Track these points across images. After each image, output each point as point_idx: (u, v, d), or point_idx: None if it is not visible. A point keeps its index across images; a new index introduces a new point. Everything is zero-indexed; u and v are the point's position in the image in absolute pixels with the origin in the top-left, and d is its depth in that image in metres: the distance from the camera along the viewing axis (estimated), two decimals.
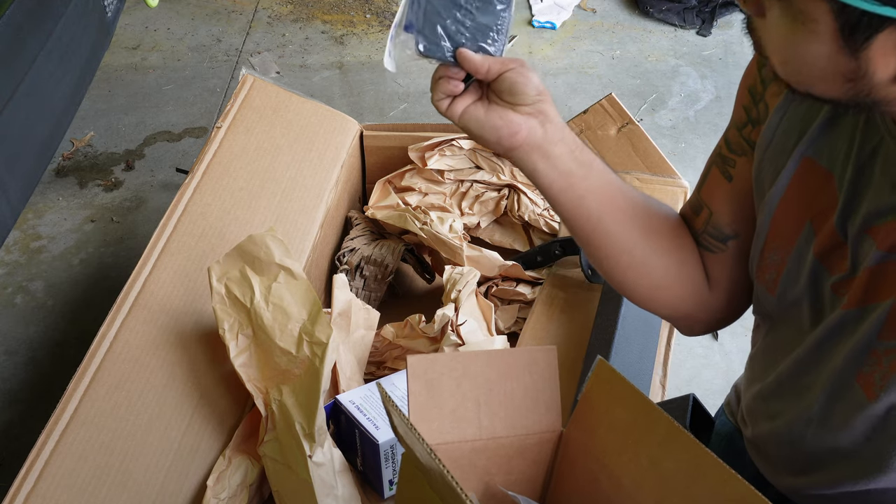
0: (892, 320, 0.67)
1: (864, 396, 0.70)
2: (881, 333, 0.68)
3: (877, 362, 0.69)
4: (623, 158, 1.64)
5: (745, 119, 0.83)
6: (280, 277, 1.13)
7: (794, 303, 0.77)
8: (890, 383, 0.68)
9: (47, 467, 1.01)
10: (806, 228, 0.75)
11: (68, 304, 2.21)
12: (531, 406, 0.83)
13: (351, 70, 3.08)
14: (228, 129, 1.49)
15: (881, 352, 0.68)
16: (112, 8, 2.22)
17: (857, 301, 0.70)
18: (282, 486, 1.08)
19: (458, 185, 1.63)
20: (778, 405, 0.82)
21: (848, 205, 0.71)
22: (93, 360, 1.12)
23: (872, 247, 0.69)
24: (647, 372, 1.26)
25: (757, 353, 0.88)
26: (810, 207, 0.75)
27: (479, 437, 0.81)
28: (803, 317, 0.77)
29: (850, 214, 0.71)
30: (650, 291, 0.91)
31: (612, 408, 0.78)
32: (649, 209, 0.89)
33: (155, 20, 3.32)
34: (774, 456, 0.85)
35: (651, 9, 3.35)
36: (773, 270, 0.79)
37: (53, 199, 2.53)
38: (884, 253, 0.68)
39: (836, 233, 0.72)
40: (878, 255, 0.68)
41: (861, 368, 0.70)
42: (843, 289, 0.72)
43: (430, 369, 0.79)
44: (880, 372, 0.68)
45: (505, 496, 0.84)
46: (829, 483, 0.78)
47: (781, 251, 0.78)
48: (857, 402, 0.71)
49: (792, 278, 0.77)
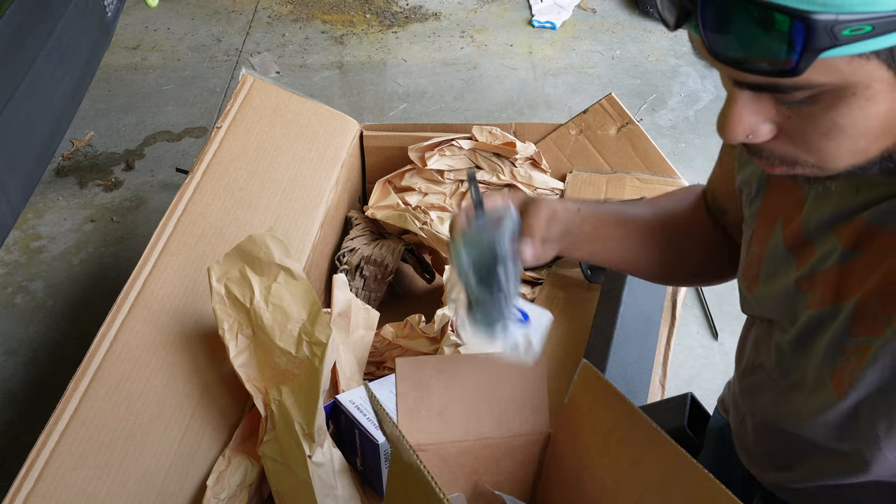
0: (859, 316, 0.68)
1: (834, 394, 0.71)
2: (851, 330, 0.69)
3: (847, 360, 0.70)
4: (623, 158, 1.64)
5: None
6: (280, 278, 1.13)
7: (772, 296, 0.78)
8: (856, 380, 0.68)
9: (47, 467, 1.01)
10: (778, 224, 0.77)
11: (68, 304, 2.21)
12: (518, 408, 0.84)
13: (351, 70, 3.08)
14: (228, 129, 1.49)
15: (851, 349, 0.69)
16: (112, 8, 2.22)
17: (827, 299, 0.71)
18: (281, 486, 1.08)
19: (458, 185, 1.63)
20: (757, 401, 0.83)
21: (814, 205, 0.72)
22: (93, 360, 1.12)
23: (836, 245, 0.70)
24: (646, 371, 1.26)
25: (739, 349, 0.89)
26: (782, 205, 0.77)
27: (467, 438, 0.83)
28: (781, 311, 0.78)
29: (814, 214, 0.72)
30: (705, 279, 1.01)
31: (595, 410, 0.80)
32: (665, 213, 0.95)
33: (155, 20, 3.32)
34: (756, 451, 0.86)
35: (651, 9, 3.35)
36: (755, 266, 0.81)
37: (53, 199, 2.53)
38: (848, 251, 0.69)
39: (801, 231, 0.74)
40: (841, 252, 0.69)
41: (835, 367, 0.71)
42: (806, 285, 0.73)
43: (419, 371, 0.81)
44: (849, 369, 0.69)
45: (494, 496, 0.85)
46: (808, 478, 0.79)
47: (761, 245, 0.80)
48: (828, 400, 0.72)
49: (770, 272, 0.78)
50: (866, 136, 0.57)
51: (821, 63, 0.52)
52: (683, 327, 2.14)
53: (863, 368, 0.68)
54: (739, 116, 0.59)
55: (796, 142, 0.60)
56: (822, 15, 0.49)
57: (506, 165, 1.61)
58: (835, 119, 0.56)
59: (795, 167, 0.61)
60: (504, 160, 1.62)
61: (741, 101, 0.58)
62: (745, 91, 0.58)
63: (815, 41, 0.50)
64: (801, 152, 0.60)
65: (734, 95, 0.58)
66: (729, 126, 0.59)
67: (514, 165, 1.62)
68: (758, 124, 0.59)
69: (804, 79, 0.53)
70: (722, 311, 2.17)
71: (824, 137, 0.58)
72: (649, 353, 1.28)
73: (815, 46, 0.50)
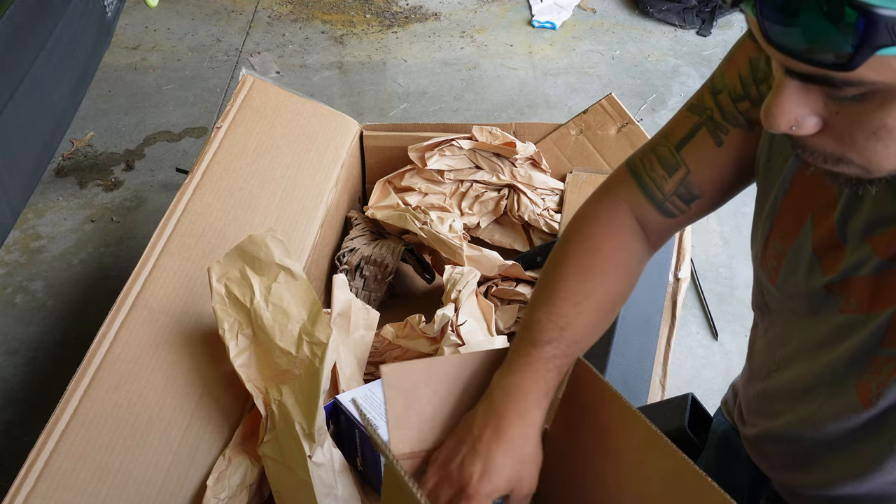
0: (893, 328, 0.67)
1: (860, 403, 0.71)
2: (884, 341, 0.68)
3: (877, 370, 0.69)
4: (623, 158, 1.63)
5: (741, 92, 0.82)
6: (280, 277, 1.13)
7: (793, 295, 0.77)
8: (886, 390, 0.68)
9: (47, 467, 1.01)
10: (808, 222, 0.75)
11: (68, 304, 2.21)
12: None
13: (351, 70, 3.08)
14: (228, 129, 1.49)
15: (882, 360, 0.68)
16: (112, 8, 2.22)
17: (860, 308, 0.70)
18: (281, 486, 1.08)
19: (458, 185, 1.63)
20: (776, 405, 0.83)
21: (848, 207, 0.71)
22: (93, 360, 1.12)
23: (872, 255, 0.69)
24: (646, 372, 1.26)
25: (755, 351, 0.88)
26: (812, 202, 0.75)
27: None
28: (801, 310, 0.77)
29: (849, 218, 0.71)
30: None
31: (592, 409, 0.79)
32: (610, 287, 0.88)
33: (155, 20, 3.32)
34: (772, 453, 0.86)
35: (651, 9, 3.35)
36: (774, 259, 0.79)
37: (53, 199, 2.53)
38: (884, 262, 0.68)
39: (835, 233, 0.72)
40: (878, 263, 0.68)
41: (861, 376, 0.70)
42: (837, 289, 0.72)
43: (406, 377, 0.79)
44: (878, 380, 0.69)
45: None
46: (825, 481, 0.78)
47: (784, 241, 0.78)
48: (853, 408, 0.71)
49: (791, 269, 0.77)
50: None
51: (876, 60, 0.51)
52: (683, 327, 2.14)
53: (895, 380, 0.67)
54: (786, 106, 0.57)
55: (843, 139, 0.58)
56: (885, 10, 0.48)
57: (506, 165, 1.61)
58: (885, 120, 0.55)
59: (839, 165, 0.60)
60: (504, 160, 1.62)
61: (789, 90, 0.57)
62: (794, 80, 0.56)
63: (874, 37, 0.49)
64: (846, 150, 0.59)
65: (783, 83, 0.57)
66: (774, 114, 0.58)
67: (514, 165, 1.62)
68: (804, 116, 0.58)
69: (857, 74, 0.52)
70: (722, 311, 2.17)
71: (872, 137, 0.56)
72: (650, 354, 1.28)
73: (874, 42, 0.49)
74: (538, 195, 1.60)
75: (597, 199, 0.91)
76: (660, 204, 0.88)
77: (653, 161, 0.88)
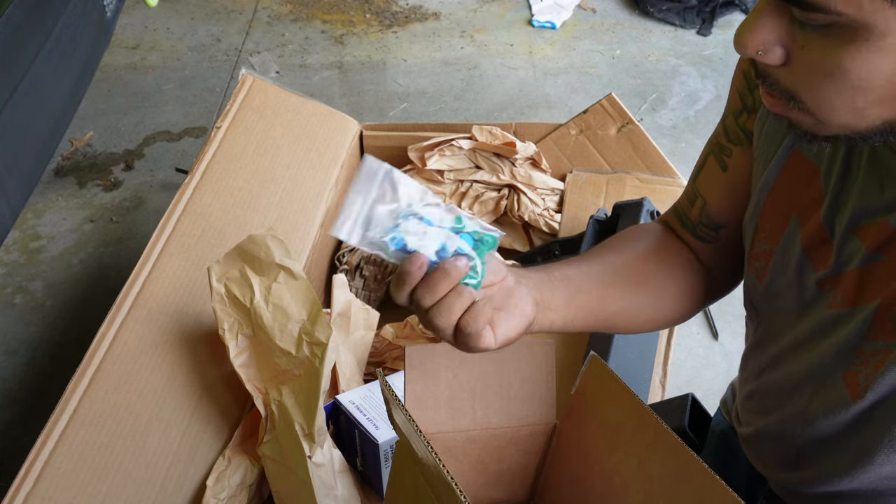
0: (879, 321, 0.68)
1: (848, 396, 0.71)
2: (869, 334, 0.69)
3: (863, 363, 0.69)
4: (623, 158, 1.64)
5: (740, 106, 0.84)
6: (280, 277, 1.13)
7: (781, 293, 0.78)
8: (874, 383, 0.68)
9: (47, 467, 1.01)
10: (793, 221, 0.76)
11: (68, 304, 2.21)
12: (526, 398, 0.84)
13: (351, 70, 3.08)
14: (228, 129, 1.49)
15: (868, 352, 0.69)
16: (111, 7, 2.22)
17: (847, 301, 0.71)
18: (281, 486, 1.08)
19: (458, 185, 1.63)
20: (769, 403, 0.83)
21: (835, 201, 0.71)
22: (92, 360, 1.12)
23: (860, 247, 0.69)
24: (646, 372, 1.26)
25: (748, 351, 0.89)
26: (797, 201, 0.76)
27: (474, 427, 0.83)
28: (790, 308, 0.77)
29: (837, 212, 0.71)
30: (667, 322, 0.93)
31: (603, 405, 0.79)
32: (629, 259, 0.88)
33: (155, 20, 3.32)
34: (767, 451, 0.86)
35: (651, 8, 3.35)
36: (762, 259, 0.80)
37: (53, 199, 2.53)
38: (871, 253, 0.68)
39: (823, 228, 0.73)
40: (865, 255, 0.69)
41: (849, 368, 0.71)
42: (828, 285, 0.73)
43: (428, 359, 0.80)
44: (865, 372, 0.69)
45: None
46: (819, 478, 0.79)
47: (770, 241, 0.79)
48: (843, 402, 0.72)
49: (779, 269, 0.78)
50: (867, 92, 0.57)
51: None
52: (683, 327, 2.14)
53: (882, 372, 0.68)
54: (759, 28, 0.60)
55: (800, 76, 0.60)
56: None
57: (506, 165, 1.61)
58: (841, 60, 0.57)
59: (791, 104, 0.62)
60: (504, 160, 1.62)
61: (763, 14, 0.60)
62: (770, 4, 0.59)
63: None
64: (801, 89, 0.61)
65: (759, 7, 0.60)
66: (747, 34, 0.60)
67: (514, 165, 1.61)
68: (772, 43, 0.60)
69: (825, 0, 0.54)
70: (722, 311, 2.17)
71: (828, 78, 0.58)
72: (650, 354, 1.28)
73: None
74: (538, 195, 1.60)
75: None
76: (693, 228, 0.91)
77: (685, 190, 0.93)
